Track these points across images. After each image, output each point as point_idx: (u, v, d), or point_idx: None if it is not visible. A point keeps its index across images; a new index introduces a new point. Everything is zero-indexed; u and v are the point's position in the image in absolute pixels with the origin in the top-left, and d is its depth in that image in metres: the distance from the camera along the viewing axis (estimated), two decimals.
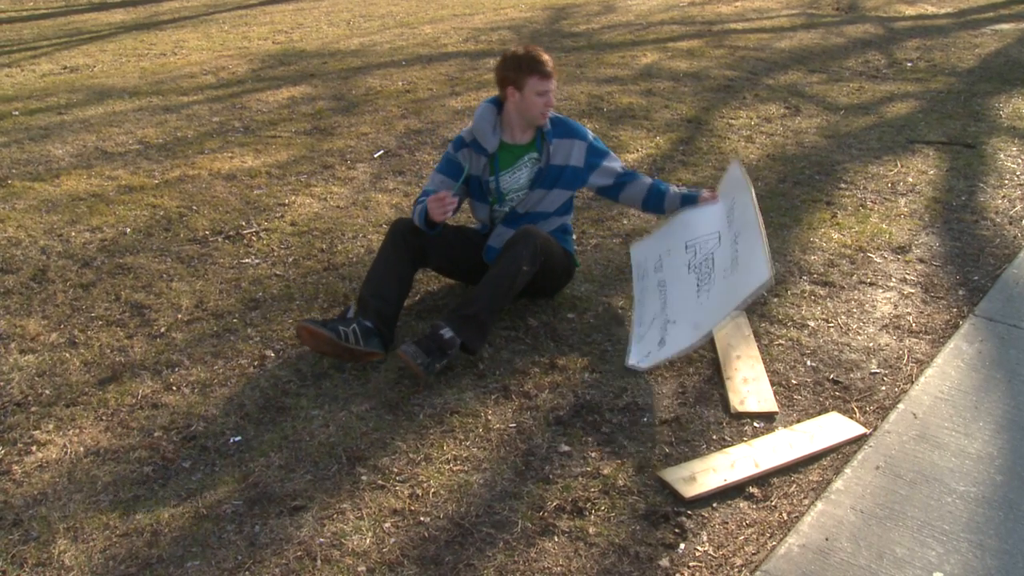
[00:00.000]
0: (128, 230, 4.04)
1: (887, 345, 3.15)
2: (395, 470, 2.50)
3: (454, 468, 2.51)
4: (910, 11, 9.83)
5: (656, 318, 3.11)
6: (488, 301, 2.95)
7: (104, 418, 2.74)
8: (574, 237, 3.62)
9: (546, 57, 3.11)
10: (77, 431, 2.68)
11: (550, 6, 10.74)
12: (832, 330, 3.25)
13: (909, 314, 3.36)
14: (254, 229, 4.07)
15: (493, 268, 3.02)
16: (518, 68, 3.09)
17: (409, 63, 7.41)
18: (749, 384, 2.88)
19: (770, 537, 2.26)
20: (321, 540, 2.24)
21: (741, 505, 2.38)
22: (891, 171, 4.85)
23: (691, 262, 3.16)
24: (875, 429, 2.67)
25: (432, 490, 2.42)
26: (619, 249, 3.89)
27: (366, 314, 2.99)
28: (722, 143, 5.29)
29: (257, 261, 3.77)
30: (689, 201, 3.32)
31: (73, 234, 3.99)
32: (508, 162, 3.25)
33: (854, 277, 3.64)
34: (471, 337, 2.91)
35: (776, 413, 2.76)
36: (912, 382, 2.91)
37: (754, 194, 3.04)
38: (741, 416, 2.75)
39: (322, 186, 4.62)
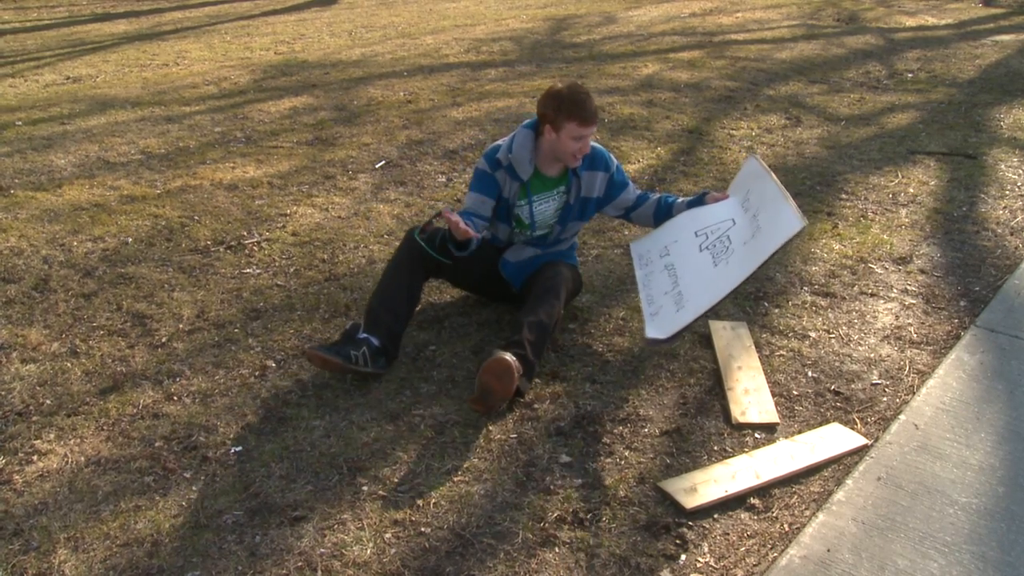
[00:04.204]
0: (130, 240, 4.05)
1: (888, 356, 3.15)
2: (396, 480, 2.50)
3: (455, 479, 2.51)
4: (910, 22, 9.86)
5: (668, 293, 3.02)
6: (538, 349, 2.90)
7: (105, 428, 2.74)
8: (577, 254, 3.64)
9: (589, 101, 2.99)
10: (78, 441, 2.67)
11: (551, 17, 10.78)
12: (833, 341, 3.25)
13: (910, 325, 3.36)
14: (255, 239, 4.08)
15: (536, 313, 2.94)
16: (558, 109, 2.99)
17: (410, 74, 7.43)
18: (750, 395, 2.88)
19: (771, 548, 2.26)
20: (322, 551, 2.24)
21: (742, 516, 2.37)
22: (892, 182, 4.85)
23: (703, 244, 3.07)
24: (876, 440, 2.67)
25: (433, 500, 2.42)
26: (620, 260, 3.89)
27: (376, 330, 2.95)
28: (723, 154, 5.30)
29: (258, 271, 3.77)
30: (696, 203, 3.32)
31: (75, 244, 4.00)
32: (538, 189, 3.20)
33: (855, 288, 3.64)
34: (524, 383, 2.86)
35: (777, 424, 2.76)
36: (913, 393, 2.91)
37: (775, 177, 2.99)
38: (742, 427, 2.75)
39: (323, 196, 4.63)
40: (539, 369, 2.97)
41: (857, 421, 2.78)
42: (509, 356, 2.74)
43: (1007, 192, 4.70)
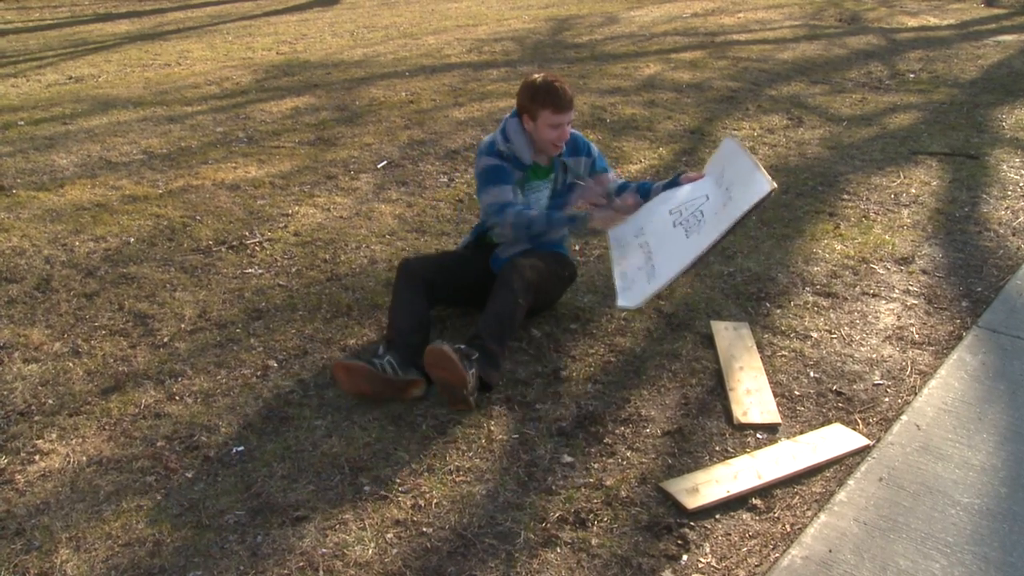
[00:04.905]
0: (132, 240, 4.06)
1: (890, 356, 3.15)
2: (397, 481, 2.50)
3: (456, 479, 2.51)
4: (912, 22, 9.86)
5: (641, 268, 2.98)
6: (498, 338, 2.90)
7: (107, 427, 2.74)
8: (570, 242, 3.61)
9: (562, 88, 3.05)
10: (80, 440, 2.68)
11: (553, 17, 10.78)
12: (835, 341, 3.25)
13: (912, 325, 3.35)
14: (257, 239, 4.08)
15: (490, 306, 2.96)
16: (532, 99, 3.06)
17: (412, 74, 7.43)
18: (752, 395, 2.88)
19: (773, 549, 2.26)
20: (323, 551, 2.24)
21: (744, 516, 2.37)
22: (894, 182, 4.85)
23: (676, 220, 3.03)
24: (878, 441, 2.67)
25: (435, 501, 2.42)
26: None
27: (393, 348, 2.89)
28: None
29: (260, 271, 3.78)
30: (671, 184, 3.26)
31: (77, 243, 4.00)
32: (531, 178, 3.26)
33: (857, 288, 3.64)
34: (488, 372, 2.86)
35: (779, 424, 2.76)
36: (915, 393, 2.91)
37: (749, 152, 2.95)
38: (744, 427, 2.75)
39: (325, 196, 4.64)
40: (506, 354, 2.96)
41: (859, 421, 2.78)
42: (439, 343, 2.72)
43: (1009, 192, 4.70)
